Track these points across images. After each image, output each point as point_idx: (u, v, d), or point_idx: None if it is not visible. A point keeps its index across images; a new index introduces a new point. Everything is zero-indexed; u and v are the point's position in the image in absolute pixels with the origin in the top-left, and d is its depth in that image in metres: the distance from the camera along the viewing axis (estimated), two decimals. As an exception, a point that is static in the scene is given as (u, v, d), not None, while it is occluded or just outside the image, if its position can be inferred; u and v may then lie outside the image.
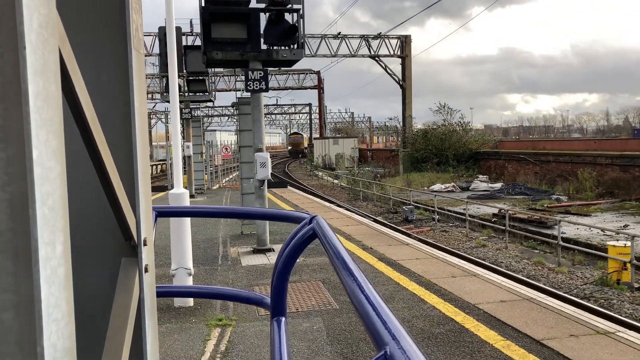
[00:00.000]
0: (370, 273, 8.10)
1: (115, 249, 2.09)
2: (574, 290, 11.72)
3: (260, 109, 9.91)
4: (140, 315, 2.20)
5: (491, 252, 15.73)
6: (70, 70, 1.30)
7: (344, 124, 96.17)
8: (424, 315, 6.09)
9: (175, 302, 6.74)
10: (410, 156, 40.73)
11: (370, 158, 55.34)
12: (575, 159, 28.37)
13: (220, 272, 8.54)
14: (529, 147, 40.32)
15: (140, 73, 2.23)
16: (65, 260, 1.12)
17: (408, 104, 45.77)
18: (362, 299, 1.23)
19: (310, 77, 60.08)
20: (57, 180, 1.08)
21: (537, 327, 5.60)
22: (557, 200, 24.14)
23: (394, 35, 44.75)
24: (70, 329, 1.11)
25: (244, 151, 11.38)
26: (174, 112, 6.74)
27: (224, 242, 11.25)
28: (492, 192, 28.14)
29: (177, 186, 6.76)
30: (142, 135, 2.20)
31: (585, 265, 13.99)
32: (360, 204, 27.98)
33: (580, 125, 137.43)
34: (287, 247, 2.73)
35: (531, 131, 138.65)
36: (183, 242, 6.67)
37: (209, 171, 27.62)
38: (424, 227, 20.64)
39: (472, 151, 37.89)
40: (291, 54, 9.80)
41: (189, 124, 21.02)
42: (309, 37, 42.41)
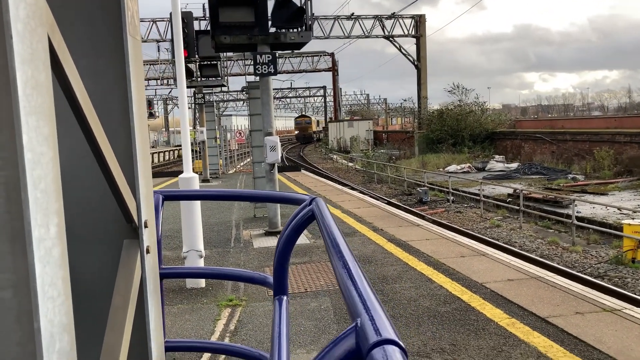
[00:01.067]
0: (379, 254, 8.17)
1: (118, 231, 2.17)
2: (588, 269, 11.67)
3: (269, 92, 9.95)
4: (143, 294, 2.29)
5: (505, 232, 15.68)
6: (61, 58, 1.36)
7: (359, 106, 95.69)
8: (430, 295, 6.15)
9: (188, 284, 6.89)
10: (425, 137, 40.49)
11: (386, 140, 55.10)
12: (593, 137, 27.97)
13: (232, 254, 8.68)
14: (547, 126, 39.77)
15: (136, 59, 2.28)
16: (60, 241, 1.19)
17: (423, 85, 45.38)
18: (344, 273, 1.29)
19: (324, 59, 59.75)
20: (49, 164, 1.14)
21: (543, 305, 5.63)
22: (573, 180, 23.89)
23: (408, 15, 44.25)
24: (67, 306, 1.19)
25: (254, 135, 11.45)
26: (182, 97, 6.81)
27: (237, 225, 11.39)
28: (508, 172, 27.93)
29: (187, 171, 6.86)
30: (141, 121, 2.27)
31: (600, 244, 13.89)
32: (374, 186, 27.99)
33: (600, 103, 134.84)
34: (287, 228, 2.81)
35: (550, 110, 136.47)
36: (194, 225, 6.79)
37: (223, 156, 27.80)
38: (438, 208, 20.61)
39: (488, 131, 37.53)
40: (299, 37, 9.79)
41: (203, 109, 21.14)
42: (322, 19, 42.12)
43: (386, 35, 43.48)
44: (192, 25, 18.04)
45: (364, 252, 8.31)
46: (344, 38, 43.24)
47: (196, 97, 20.75)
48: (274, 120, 10.30)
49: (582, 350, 4.50)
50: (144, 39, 40.89)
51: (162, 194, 4.59)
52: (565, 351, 4.48)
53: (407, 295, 6.18)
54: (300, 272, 7.32)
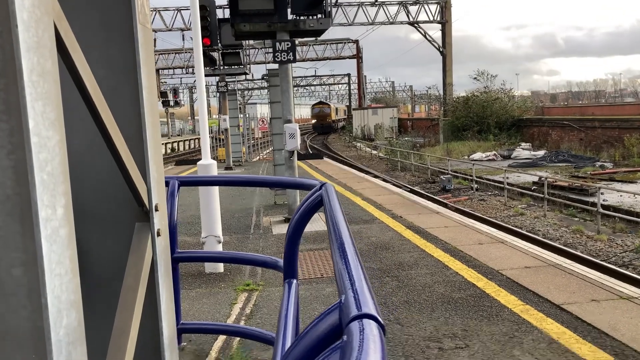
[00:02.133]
0: (397, 241, 8.19)
1: (130, 214, 2.25)
2: (612, 257, 11.49)
3: (288, 80, 9.99)
4: (154, 276, 2.37)
5: (529, 221, 15.49)
6: (68, 45, 1.42)
7: (384, 94, 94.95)
8: (445, 281, 6.16)
9: (206, 269, 7.03)
10: (450, 125, 40.08)
11: (411, 128, 54.69)
12: (623, 124, 27.29)
13: (251, 240, 8.80)
14: (576, 113, 38.94)
15: (147, 47, 2.35)
16: (68, 221, 1.25)
17: (448, 72, 44.83)
18: (339, 254, 1.34)
19: (349, 46, 59.43)
20: (55, 148, 1.20)
21: (559, 292, 5.59)
22: (601, 167, 23.40)
23: (433, 1, 43.62)
24: (75, 283, 1.26)
25: (274, 123, 11.52)
26: (200, 87, 6.90)
27: (257, 212, 11.52)
28: (534, 160, 27.49)
29: (205, 157, 6.97)
30: (151, 107, 2.33)
31: (627, 233, 13.63)
32: (398, 174, 27.88)
33: (634, 89, 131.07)
34: (297, 213, 2.87)
35: (580, 97, 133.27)
36: (212, 211, 6.90)
37: (247, 144, 27.99)
38: (461, 196, 20.44)
39: (515, 118, 36.94)
40: (318, 24, 9.79)
41: (225, 97, 21.30)
42: (346, 5, 41.84)
43: (411, 21, 43.01)
44: (215, 13, 18.12)
45: (381, 239, 8.33)
46: (368, 25, 42.93)
47: (219, 86, 20.91)
48: (294, 108, 10.35)
49: (595, 337, 4.47)
50: (168, 27, 41.22)
51: (178, 180, 4.68)
52: (578, 337, 4.46)
53: (422, 281, 6.20)
54: (317, 258, 7.39)
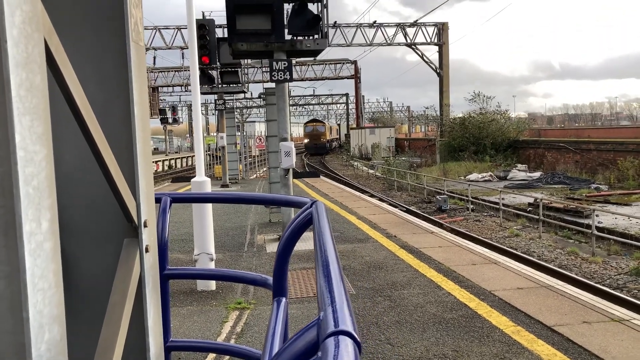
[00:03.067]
0: (390, 260, 8.18)
1: (119, 230, 2.27)
2: (607, 280, 11.48)
3: (285, 98, 10.06)
4: (142, 292, 2.38)
5: (524, 242, 15.50)
6: (59, 62, 1.45)
7: (381, 114, 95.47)
8: (438, 301, 6.14)
9: (198, 286, 7.00)
10: (447, 145, 40.24)
11: (408, 147, 54.88)
12: (618, 147, 27.44)
13: (245, 258, 8.78)
14: (572, 135, 39.16)
15: (139, 65, 2.39)
16: (53, 235, 1.27)
17: (445, 92, 45.16)
18: (322, 272, 1.35)
19: (347, 66, 59.89)
20: (42, 162, 1.22)
21: (551, 313, 5.59)
22: (596, 190, 23.47)
23: (431, 23, 44.14)
24: (58, 297, 1.26)
25: (270, 141, 11.58)
26: (195, 104, 6.96)
27: (252, 229, 11.51)
28: (530, 182, 27.57)
29: (199, 174, 6.99)
30: (142, 124, 2.36)
31: (621, 256, 13.63)
32: (394, 193, 27.91)
33: (629, 112, 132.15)
34: (287, 230, 2.88)
35: (577, 119, 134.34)
36: (205, 228, 6.90)
37: (244, 161, 28.05)
38: (457, 216, 20.46)
39: (511, 140, 37.13)
40: (315, 44, 9.89)
41: (223, 115, 21.40)
42: (344, 27, 42.29)
43: (408, 43, 43.44)
44: (214, 32, 18.30)
45: (375, 258, 8.32)
46: (366, 46, 43.32)
47: (217, 103, 21.03)
48: (290, 126, 10.41)
49: (585, 359, 4.46)
50: (168, 45, 41.56)
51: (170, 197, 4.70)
52: (568, 359, 4.45)
53: (415, 301, 6.19)
54: (310, 277, 7.37)
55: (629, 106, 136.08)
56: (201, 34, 16.82)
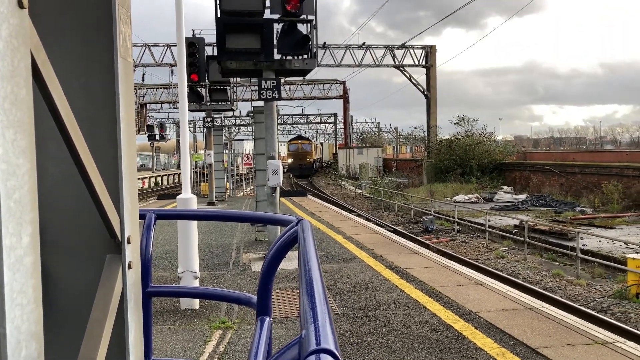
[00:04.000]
0: (376, 280, 8.15)
1: (102, 246, 2.24)
2: (591, 302, 11.52)
3: (273, 117, 10.09)
4: (123, 309, 2.34)
5: (509, 264, 15.55)
6: (45, 76, 1.44)
7: (369, 134, 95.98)
8: (423, 322, 6.12)
9: (182, 305, 6.91)
10: (434, 166, 40.50)
11: (395, 168, 55.16)
12: (602, 170, 27.82)
13: (229, 277, 8.70)
14: (557, 158, 39.62)
15: (127, 80, 2.39)
16: (33, 250, 1.24)
17: (433, 114, 45.57)
18: (305, 290, 1.34)
19: (336, 86, 60.31)
20: (25, 176, 1.21)
21: (535, 335, 5.59)
22: (581, 212, 23.71)
23: (419, 46, 44.72)
24: (37, 313, 1.24)
25: (258, 159, 11.58)
26: (183, 122, 6.95)
27: (237, 248, 11.43)
28: (516, 204, 27.78)
29: (185, 191, 6.95)
30: (128, 139, 2.36)
31: (605, 278, 13.72)
32: (381, 213, 27.94)
33: (613, 137, 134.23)
34: (272, 249, 2.87)
35: (562, 143, 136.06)
36: (189, 246, 6.84)
37: (231, 179, 27.96)
38: (443, 237, 20.51)
39: (497, 162, 37.48)
40: (304, 64, 9.96)
41: (211, 133, 21.38)
42: (334, 47, 42.69)
43: (397, 64, 43.91)
44: (203, 50, 18.38)
45: (361, 279, 8.29)
46: (355, 67, 43.73)
47: (205, 121, 21.03)
48: (278, 145, 10.43)
49: (569, 382, 4.45)
50: (157, 63, 41.60)
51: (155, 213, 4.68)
52: (552, 383, 4.43)
53: (400, 322, 6.15)
54: (295, 296, 7.31)
55: (613, 130, 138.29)
56: (191, 52, 16.88)
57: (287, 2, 9.53)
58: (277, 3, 9.62)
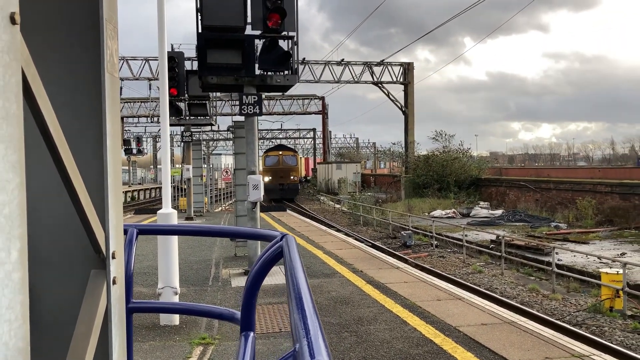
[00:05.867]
0: (357, 295, 8.17)
1: (86, 261, 2.23)
2: (567, 317, 11.70)
3: (254, 132, 10.11)
4: (107, 325, 2.33)
5: (487, 279, 15.71)
6: (35, 91, 1.46)
7: (348, 149, 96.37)
8: (404, 337, 6.15)
9: (161, 321, 6.83)
10: (412, 182, 40.83)
11: (373, 183, 55.44)
12: (576, 186, 28.39)
13: (209, 293, 8.63)
14: (533, 174, 40.30)
15: (113, 95, 2.41)
16: (22, 266, 1.25)
17: (410, 130, 46.04)
18: (295, 304, 1.37)
19: (315, 102, 60.62)
20: (15, 191, 1.22)
21: (514, 349, 5.66)
22: (556, 228, 24.12)
23: (397, 63, 45.30)
24: (24, 330, 1.24)
25: (238, 174, 11.56)
26: (164, 136, 6.93)
27: (216, 263, 11.35)
28: (492, 219, 28.14)
29: (166, 206, 6.91)
30: (114, 154, 2.36)
31: (580, 293, 13.96)
32: (360, 228, 28.02)
33: (585, 153, 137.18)
34: (257, 264, 2.88)
35: (537, 159, 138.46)
36: (170, 261, 6.79)
37: (209, 194, 27.79)
38: (421, 252, 20.64)
39: (473, 178, 37.97)
40: (285, 80, 10.03)
41: (190, 147, 21.28)
42: (313, 63, 42.99)
43: (375, 81, 44.39)
44: (183, 65, 18.39)
45: (341, 294, 8.30)
46: (334, 82, 44.07)
47: (184, 135, 20.94)
48: (258, 160, 10.44)
49: (548, 395, 4.52)
50: (135, 76, 41.33)
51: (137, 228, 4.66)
52: (531, 396, 4.50)
53: (381, 337, 6.18)
54: (276, 312, 7.29)
55: (585, 147, 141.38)
56: (170, 66, 16.85)
57: (269, 18, 9.61)
58: (258, 19, 9.70)
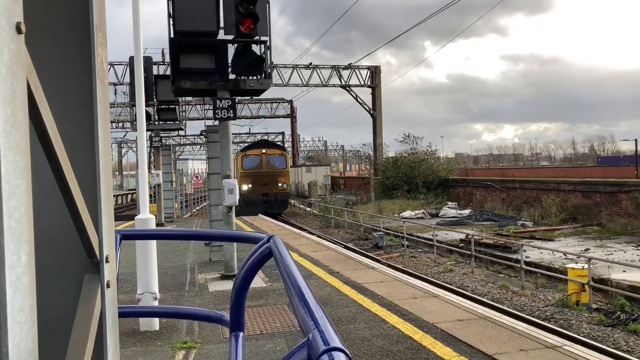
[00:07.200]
0: (335, 296, 8.29)
1: (79, 265, 2.28)
2: (536, 312, 12.06)
3: (228, 136, 10.14)
4: (102, 329, 2.39)
5: (458, 277, 16.04)
6: (37, 98, 1.53)
7: (317, 152, 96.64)
8: (384, 335, 6.29)
9: (141, 326, 6.80)
10: (381, 183, 41.25)
11: (343, 185, 55.76)
12: (540, 185, 29.19)
13: (187, 298, 8.61)
14: (498, 174, 41.24)
15: (104, 101, 2.48)
16: (30, 269, 1.32)
17: (379, 133, 46.54)
18: (298, 298, 1.45)
19: (283, 106, 60.66)
20: (23, 196, 1.29)
21: (491, 343, 5.86)
22: (522, 226, 24.74)
23: (364, 66, 45.77)
24: (33, 332, 1.31)
25: (212, 178, 11.55)
26: (141, 140, 6.92)
27: (192, 269, 11.30)
28: (461, 219, 28.68)
29: (144, 212, 6.89)
30: (105, 160, 2.43)
31: (548, 288, 14.39)
32: (332, 231, 28.18)
33: (548, 153, 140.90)
34: (245, 265, 2.96)
35: (501, 159, 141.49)
36: (149, 267, 6.77)
37: (179, 200, 27.54)
38: (393, 253, 20.91)
39: (441, 178, 38.60)
40: (258, 84, 10.10)
41: (159, 153, 21.08)
42: (281, 67, 43.05)
43: (343, 84, 44.73)
44: (152, 69, 18.23)
45: (319, 295, 8.39)
46: (302, 86, 44.21)
47: (153, 141, 20.73)
48: (234, 161, 10.46)
49: (525, 385, 4.71)
50: (101, 81, 40.66)
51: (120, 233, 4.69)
52: (510, 386, 4.68)
53: (361, 335, 6.30)
54: (257, 314, 7.34)
55: (547, 147, 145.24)
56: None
57: (241, 23, 9.67)
58: (231, 24, 9.74)
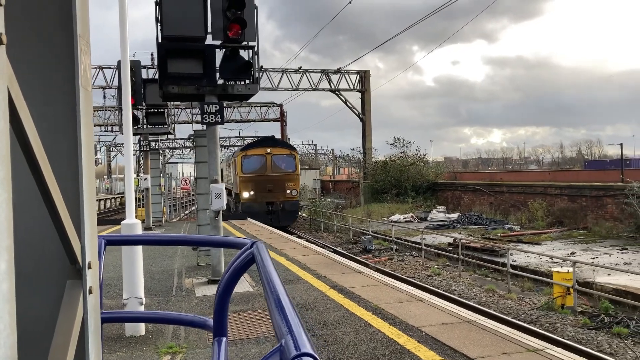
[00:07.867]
0: (321, 300, 8.32)
1: (62, 272, 2.31)
2: (522, 315, 12.17)
3: (215, 141, 10.15)
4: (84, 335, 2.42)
5: (445, 281, 16.14)
6: (18, 107, 1.56)
7: (306, 156, 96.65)
8: (369, 338, 6.34)
9: (127, 332, 6.80)
10: (370, 187, 41.38)
11: (333, 189, 55.85)
12: (528, 189, 29.43)
13: (173, 303, 8.61)
14: (486, 178, 41.54)
15: (87, 108, 2.51)
16: (9, 276, 1.35)
17: (368, 136, 46.69)
18: (274, 303, 1.50)
19: (273, 109, 60.60)
20: (2, 205, 1.32)
21: (474, 346, 5.93)
22: (510, 230, 24.94)
23: (353, 70, 45.92)
24: (12, 339, 1.34)
25: (200, 182, 11.55)
26: (127, 144, 6.93)
27: (179, 273, 11.29)
28: (449, 222, 28.84)
29: (130, 217, 6.90)
30: (88, 166, 2.46)
31: (534, 292, 14.53)
32: (321, 234, 28.23)
33: (536, 157, 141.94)
34: (228, 270, 3.00)
35: (490, 163, 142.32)
36: (135, 272, 6.77)
37: (167, 204, 27.45)
38: (382, 256, 20.99)
39: (430, 182, 38.81)
40: (246, 89, 10.13)
41: (148, 156, 21.02)
42: (271, 71, 43.09)
43: (333, 88, 44.85)
44: (140, 73, 18.20)
45: (306, 299, 8.43)
46: (292, 90, 44.28)
47: (141, 144, 20.68)
48: (220, 168, 10.48)
49: (506, 388, 4.78)
50: (89, 85, 40.43)
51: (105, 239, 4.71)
52: (491, 389, 4.74)
53: (347, 339, 6.34)
54: (242, 319, 7.36)
55: (536, 151, 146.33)
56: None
57: (229, 28, 9.71)
58: (218, 29, 9.77)
